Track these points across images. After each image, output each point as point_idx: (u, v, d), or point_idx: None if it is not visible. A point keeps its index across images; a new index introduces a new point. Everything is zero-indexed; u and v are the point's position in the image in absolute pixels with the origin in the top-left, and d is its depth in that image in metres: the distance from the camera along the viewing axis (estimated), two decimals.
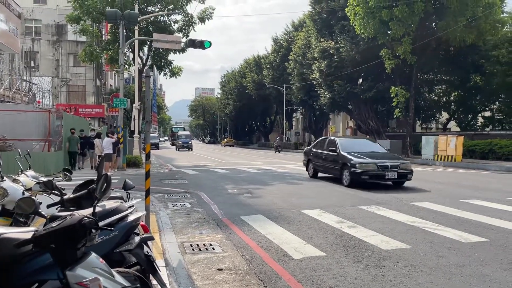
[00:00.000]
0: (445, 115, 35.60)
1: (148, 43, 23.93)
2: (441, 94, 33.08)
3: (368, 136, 25.95)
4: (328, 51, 30.63)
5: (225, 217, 7.65)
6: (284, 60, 43.57)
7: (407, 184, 12.25)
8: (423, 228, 6.53)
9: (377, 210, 8.07)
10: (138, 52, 23.33)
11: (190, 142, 47.89)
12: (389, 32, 23.70)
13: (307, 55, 35.76)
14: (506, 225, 6.64)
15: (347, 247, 5.53)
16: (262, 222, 7.11)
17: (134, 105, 21.88)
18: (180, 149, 45.72)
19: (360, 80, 31.93)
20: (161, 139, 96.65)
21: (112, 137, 16.38)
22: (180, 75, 27.91)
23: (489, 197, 9.55)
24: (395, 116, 26.72)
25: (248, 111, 59.74)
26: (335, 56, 29.97)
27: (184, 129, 76.53)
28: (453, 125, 35.94)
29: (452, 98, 33.15)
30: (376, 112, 33.19)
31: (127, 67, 30.06)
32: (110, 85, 49.24)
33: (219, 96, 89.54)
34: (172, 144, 66.78)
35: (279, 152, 38.88)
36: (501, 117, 30.74)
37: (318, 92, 33.63)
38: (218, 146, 64.82)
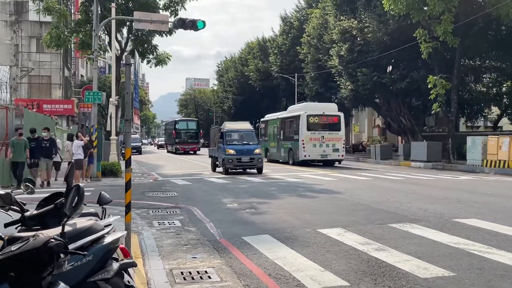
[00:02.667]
0: (495, 110, 35.47)
1: (127, 23, 24.02)
2: (491, 85, 32.97)
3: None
4: (349, 32, 30.67)
5: (223, 237, 7.65)
6: (296, 43, 43.63)
7: (447, 196, 12.20)
8: (470, 251, 6.49)
9: (411, 228, 8.05)
10: (116, 35, 23.42)
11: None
12: (425, 8, 23.67)
13: (323, 37, 35.81)
14: None
15: (375, 275, 5.51)
16: (269, 244, 7.10)
17: (110, 100, 21.93)
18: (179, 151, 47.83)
19: (390, 68, 31.91)
20: (144, 141, 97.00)
21: (82, 139, 16.44)
22: (167, 63, 27.97)
23: None
24: (433, 111, 26.73)
25: (251, 106, 59.74)
26: (358, 38, 30.02)
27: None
28: (505, 123, 35.84)
29: (504, 89, 33.00)
30: (409, 107, 33.17)
31: (102, 53, 30.21)
32: (82, 76, 49.52)
33: (215, 88, 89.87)
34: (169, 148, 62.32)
35: None
36: None
37: (338, 82, 33.64)
38: None
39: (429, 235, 7.54)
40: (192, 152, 46.37)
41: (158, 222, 9.03)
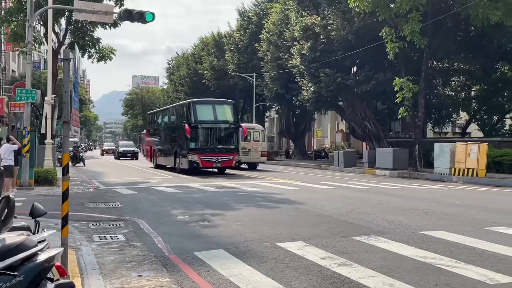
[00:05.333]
0: (464, 115, 36.83)
1: (66, 13, 23.53)
2: (459, 88, 34.24)
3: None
4: (312, 29, 31.07)
5: (173, 253, 7.57)
6: (254, 40, 43.83)
7: (414, 207, 12.54)
8: (437, 265, 6.68)
9: (377, 242, 8.21)
10: (53, 26, 22.88)
11: None
12: (392, 5, 24.27)
13: (284, 34, 36.17)
14: None
15: None
16: (224, 260, 7.08)
17: (46, 98, 21.46)
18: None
19: (354, 69, 32.57)
20: (83, 145, 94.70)
21: (15, 143, 15.98)
22: (111, 59, 27.59)
23: None
24: (399, 116, 27.37)
25: None
26: (321, 36, 30.43)
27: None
28: (474, 129, 37.28)
29: (473, 93, 34.36)
30: (375, 111, 33.92)
31: (37, 46, 29.42)
32: (13, 71, 48.02)
33: (165, 87, 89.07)
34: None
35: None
36: None
37: (299, 83, 34.00)
38: None
39: (395, 248, 7.72)
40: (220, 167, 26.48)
41: (99, 237, 8.85)
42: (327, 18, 30.30)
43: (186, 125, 24.90)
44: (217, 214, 11.49)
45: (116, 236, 8.91)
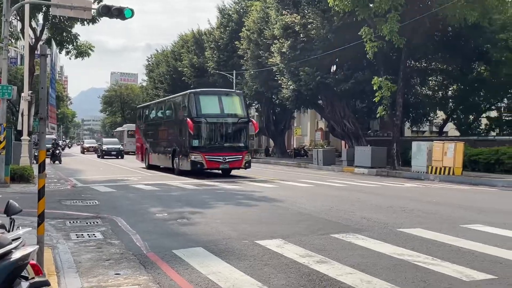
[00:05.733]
0: (441, 114, 37.31)
1: (44, 8, 23.21)
2: (436, 88, 34.67)
3: None
4: (292, 28, 31.12)
5: (151, 251, 7.52)
6: (234, 38, 43.73)
7: (392, 204, 12.66)
8: (414, 262, 6.75)
9: (355, 239, 8.26)
10: (30, 22, 22.54)
11: None
12: (371, 5, 24.44)
13: (264, 32, 36.17)
14: None
15: None
16: (202, 258, 7.06)
17: (22, 95, 21.20)
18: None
19: (334, 68, 32.72)
20: (60, 142, 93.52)
21: None
22: (90, 55, 27.32)
23: (496, 222, 10.06)
24: (378, 115, 27.58)
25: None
26: (301, 35, 30.50)
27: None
28: (451, 128, 37.77)
29: (450, 93, 34.81)
30: (354, 110, 34.12)
31: (13, 41, 28.95)
32: None
33: (144, 84, 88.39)
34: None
35: None
36: (510, 118, 32.65)
37: (279, 81, 34.06)
38: None
39: (373, 246, 7.77)
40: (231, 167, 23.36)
41: (76, 235, 8.75)
42: (307, 17, 30.37)
43: (188, 119, 21.76)
44: (196, 212, 11.46)
45: (94, 234, 8.82)
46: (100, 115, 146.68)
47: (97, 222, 10.10)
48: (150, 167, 28.57)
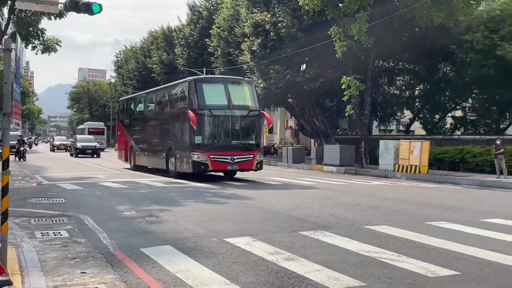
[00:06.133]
0: (408, 114, 37.94)
1: (9, 2, 22.64)
2: (404, 88, 35.21)
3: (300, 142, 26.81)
4: (262, 26, 31.14)
5: (118, 249, 7.43)
6: (204, 35, 43.54)
7: (360, 202, 12.81)
8: (381, 259, 6.84)
9: (323, 236, 8.33)
10: None
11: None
12: (340, 5, 24.67)
13: (235, 30, 36.09)
14: (480, 254, 7.19)
15: (284, 287, 5.62)
16: (171, 256, 7.01)
17: None
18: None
19: (304, 66, 32.87)
20: (25, 139, 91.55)
21: None
22: (56, 50, 26.77)
23: (460, 219, 10.29)
24: (347, 114, 27.86)
25: None
26: (271, 33, 30.55)
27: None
28: (417, 127, 38.43)
29: (416, 92, 35.42)
30: (323, 108, 34.42)
31: None
32: None
33: (112, 80, 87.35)
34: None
35: None
36: (474, 117, 33.38)
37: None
38: (111, 149, 63.04)
39: (340, 243, 7.85)
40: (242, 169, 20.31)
41: (42, 233, 8.57)
42: (277, 15, 30.43)
43: (189, 111, 18.33)
44: (165, 210, 11.37)
45: (59, 233, 8.66)
46: (67, 112, 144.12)
47: (63, 220, 9.92)
48: (137, 167, 25.11)
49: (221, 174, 20.93)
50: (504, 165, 20.25)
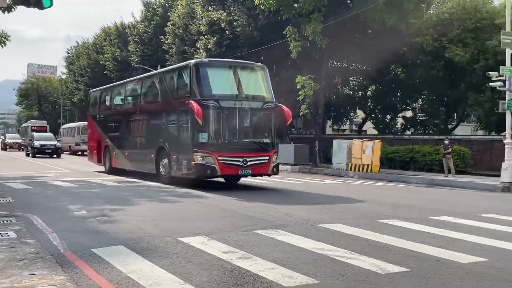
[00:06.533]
0: (360, 114, 38.70)
1: None
2: (356, 88, 35.86)
3: None
4: (218, 25, 31.11)
5: (69, 250, 7.25)
6: (159, 32, 43.14)
7: (313, 201, 12.97)
8: (334, 257, 6.94)
9: (277, 235, 8.38)
10: None
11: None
12: (295, 5, 24.89)
13: (190, 27, 35.88)
14: (429, 251, 7.39)
15: (238, 285, 5.62)
16: (123, 256, 6.89)
17: None
18: None
19: None
20: None
21: None
22: (5, 45, 25.87)
23: (410, 217, 10.56)
24: (301, 113, 28.15)
25: None
26: (227, 32, 30.55)
27: None
28: (369, 127, 39.28)
29: (369, 93, 36.17)
30: None
31: None
32: None
33: (63, 77, 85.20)
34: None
35: None
36: (424, 118, 34.36)
37: None
38: None
39: (294, 241, 7.91)
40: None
41: None
42: (233, 14, 30.46)
43: (192, 102, 14.79)
44: (118, 209, 11.17)
45: (7, 233, 8.37)
46: (15, 108, 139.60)
47: (10, 221, 9.59)
48: (113, 171, 21.78)
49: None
50: (452, 164, 20.95)
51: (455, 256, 7.08)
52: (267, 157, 15.82)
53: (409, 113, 37.36)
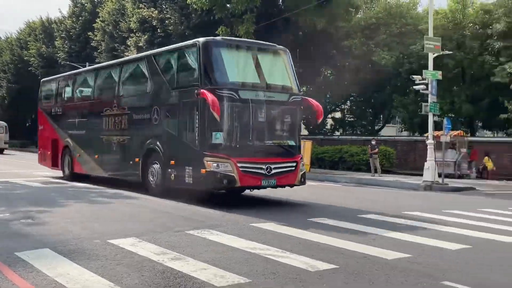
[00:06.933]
0: None
1: None
2: None
3: None
4: (149, 22, 30.68)
5: None
6: (87, 28, 42.02)
7: (245, 201, 13.04)
8: (265, 255, 7.03)
9: (209, 235, 8.37)
10: None
11: None
12: (228, 5, 24.97)
13: (120, 24, 35.14)
14: (357, 248, 7.64)
15: (170, 287, 5.58)
16: (50, 260, 6.66)
17: None
18: None
19: None
20: None
21: None
22: None
23: (339, 215, 10.85)
24: None
25: (31, 97, 55.55)
26: (159, 30, 30.18)
27: None
28: (302, 127, 39.95)
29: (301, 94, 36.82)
30: None
31: None
32: None
33: None
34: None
35: None
36: (352, 119, 35.42)
37: None
38: None
39: (227, 241, 7.94)
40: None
41: None
42: (164, 12, 30.12)
43: (204, 92, 11.54)
44: (44, 211, 10.76)
45: None
46: None
47: None
48: (76, 177, 18.07)
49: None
50: (378, 164, 21.74)
51: (381, 252, 7.35)
52: (294, 163, 12.63)
53: (338, 114, 38.36)
